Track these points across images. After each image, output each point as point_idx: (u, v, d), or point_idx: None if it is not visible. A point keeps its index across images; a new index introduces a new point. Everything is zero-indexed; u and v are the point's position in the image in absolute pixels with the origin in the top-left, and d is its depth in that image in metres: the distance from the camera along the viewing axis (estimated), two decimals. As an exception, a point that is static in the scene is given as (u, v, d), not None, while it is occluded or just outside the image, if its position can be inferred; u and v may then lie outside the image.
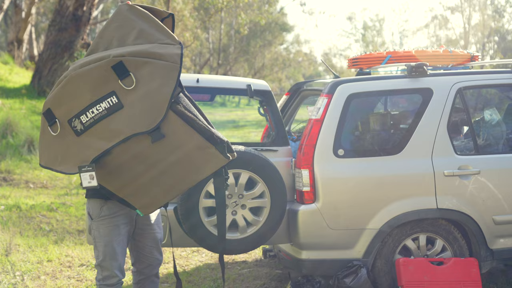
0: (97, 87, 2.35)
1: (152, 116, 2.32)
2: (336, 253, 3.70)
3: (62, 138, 2.41)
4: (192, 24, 23.48)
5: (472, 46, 35.21)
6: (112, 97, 2.34)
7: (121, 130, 2.33)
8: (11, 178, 7.80)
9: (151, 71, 2.34)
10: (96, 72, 2.35)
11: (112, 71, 2.34)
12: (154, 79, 2.33)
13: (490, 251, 3.82)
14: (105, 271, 2.83)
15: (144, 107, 2.33)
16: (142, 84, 2.33)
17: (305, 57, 38.90)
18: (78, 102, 2.37)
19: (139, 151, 2.39)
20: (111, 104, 2.34)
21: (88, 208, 2.82)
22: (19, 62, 17.14)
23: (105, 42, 2.45)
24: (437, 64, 4.41)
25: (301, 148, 3.69)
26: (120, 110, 2.34)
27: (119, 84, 2.33)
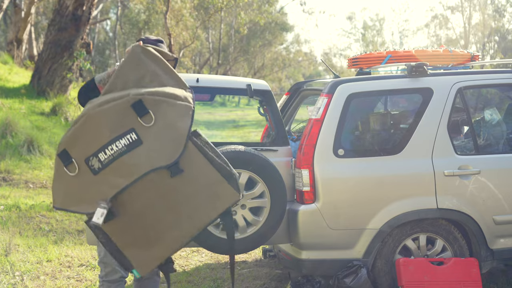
0: (116, 124, 2.43)
1: (171, 150, 2.42)
2: (336, 253, 3.69)
3: (79, 178, 2.45)
4: (192, 23, 23.48)
5: (472, 46, 35.22)
6: (132, 133, 2.42)
7: (140, 165, 2.40)
8: (10, 178, 7.79)
9: (168, 109, 2.45)
10: (115, 110, 2.44)
11: (131, 109, 2.43)
12: (171, 116, 2.44)
13: (490, 251, 3.81)
14: (107, 266, 2.89)
15: (163, 142, 2.42)
16: (161, 121, 2.43)
17: (305, 57, 38.91)
18: (97, 140, 2.44)
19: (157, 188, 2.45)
20: (130, 140, 2.42)
21: None
22: (18, 61, 17.13)
23: (121, 82, 2.55)
24: (437, 64, 4.40)
25: (301, 148, 3.68)
26: (140, 146, 2.42)
27: (139, 121, 2.43)
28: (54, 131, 10.42)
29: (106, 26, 35.29)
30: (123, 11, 29.62)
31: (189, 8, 23.09)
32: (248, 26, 27.72)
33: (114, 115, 2.44)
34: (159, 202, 2.47)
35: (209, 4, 21.09)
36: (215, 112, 25.03)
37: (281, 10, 32.22)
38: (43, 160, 8.68)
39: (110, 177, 2.42)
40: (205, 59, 32.27)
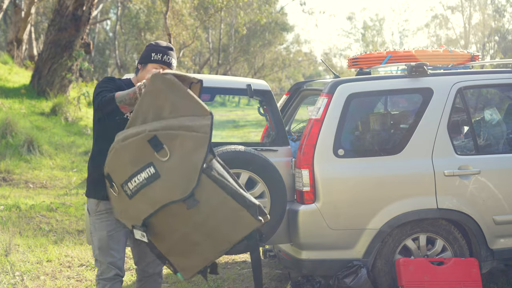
0: (137, 159, 2.62)
1: (185, 185, 2.53)
2: (336, 253, 3.69)
3: (120, 199, 2.72)
4: (192, 23, 23.48)
5: (473, 46, 35.22)
6: (150, 167, 2.59)
7: (159, 199, 2.58)
8: (10, 178, 7.79)
9: (182, 142, 2.55)
10: (135, 146, 2.62)
11: (148, 145, 2.58)
12: (185, 149, 2.55)
13: (490, 251, 3.81)
14: (102, 265, 2.93)
15: (178, 176, 2.55)
16: (175, 155, 2.56)
17: (305, 57, 38.91)
18: (124, 171, 2.66)
19: (178, 216, 2.62)
20: (149, 174, 2.59)
21: (87, 206, 3.04)
22: (18, 62, 17.12)
23: (141, 117, 2.68)
24: (437, 64, 4.40)
25: (301, 148, 3.68)
26: (158, 179, 2.58)
27: (155, 156, 2.57)
28: (54, 131, 10.43)
29: (106, 26, 35.32)
30: (123, 11, 29.62)
31: (189, 8, 23.08)
32: (248, 26, 27.72)
33: (134, 150, 2.62)
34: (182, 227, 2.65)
35: (209, 4, 21.08)
36: (215, 112, 25.03)
37: (281, 10, 32.22)
38: (43, 160, 8.68)
39: (140, 203, 2.64)
40: (205, 59, 32.27)
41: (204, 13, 23.72)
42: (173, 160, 2.56)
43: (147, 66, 2.97)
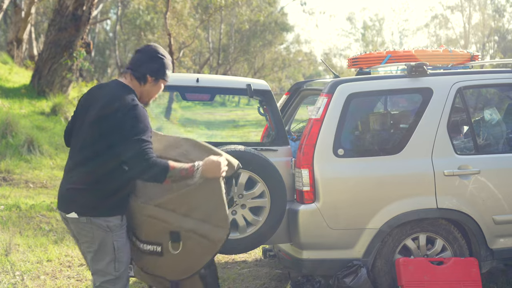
0: (151, 234, 2.86)
1: (178, 274, 2.92)
2: (336, 253, 3.69)
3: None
4: (192, 23, 23.48)
5: (472, 46, 35.22)
6: (158, 247, 2.86)
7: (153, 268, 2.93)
8: (10, 178, 7.79)
9: (196, 245, 2.84)
10: (155, 227, 2.85)
11: (168, 234, 2.84)
12: (195, 252, 2.86)
13: (490, 250, 3.81)
14: (121, 281, 2.81)
15: (177, 266, 2.89)
16: (184, 251, 2.84)
17: (305, 57, 38.90)
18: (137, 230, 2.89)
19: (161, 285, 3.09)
20: (155, 250, 2.87)
21: (107, 224, 2.75)
22: (18, 61, 17.12)
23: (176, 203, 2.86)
24: (437, 64, 4.41)
25: (301, 147, 3.68)
26: (160, 257, 2.88)
27: (168, 243, 2.84)
28: (54, 131, 10.43)
29: (106, 26, 35.31)
30: (123, 11, 29.61)
31: (189, 8, 23.08)
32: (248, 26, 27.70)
33: (153, 228, 2.86)
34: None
35: (209, 3, 21.08)
36: (215, 112, 25.03)
37: (281, 10, 32.21)
38: (43, 160, 8.68)
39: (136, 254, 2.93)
40: (205, 59, 32.25)
41: (203, 13, 23.71)
42: (181, 254, 2.85)
43: (159, 82, 2.86)
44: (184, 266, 2.88)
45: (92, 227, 2.72)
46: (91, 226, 2.72)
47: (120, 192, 2.78)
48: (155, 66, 2.82)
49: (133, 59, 2.86)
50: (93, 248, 2.75)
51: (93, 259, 2.78)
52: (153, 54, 2.82)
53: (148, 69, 2.81)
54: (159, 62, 2.83)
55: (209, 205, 2.83)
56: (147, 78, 2.81)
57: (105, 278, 2.77)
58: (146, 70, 2.80)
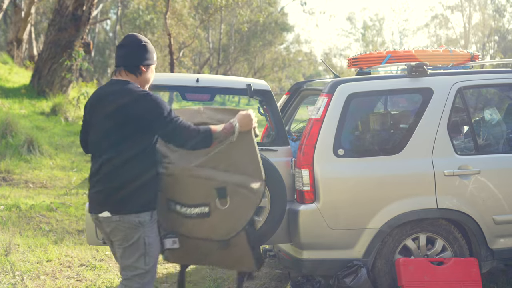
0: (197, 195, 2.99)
1: (227, 232, 3.04)
2: (336, 253, 3.69)
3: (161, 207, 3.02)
4: (192, 23, 23.48)
5: (472, 46, 35.22)
6: (205, 207, 2.99)
7: (199, 232, 3.05)
8: (10, 178, 7.79)
9: (241, 200, 3.00)
10: (201, 186, 2.98)
11: (214, 191, 2.97)
12: (241, 207, 3.01)
13: (490, 251, 3.81)
14: (149, 274, 2.87)
15: (225, 223, 3.02)
16: (231, 206, 2.99)
17: (305, 57, 38.89)
18: (179, 195, 3.00)
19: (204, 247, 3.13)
20: (202, 212, 2.99)
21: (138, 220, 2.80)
22: (18, 61, 17.13)
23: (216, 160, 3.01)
24: (437, 64, 4.41)
25: (301, 148, 3.68)
26: (206, 218, 3.00)
27: (216, 201, 2.98)
28: (54, 131, 10.43)
29: (106, 26, 35.31)
30: (123, 11, 29.61)
31: (189, 8, 23.08)
32: (248, 26, 27.69)
33: (199, 188, 2.98)
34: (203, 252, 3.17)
35: (209, 3, 21.07)
36: (215, 112, 24.96)
37: (282, 10, 32.20)
38: (43, 160, 8.68)
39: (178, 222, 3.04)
40: (205, 59, 32.25)
41: (203, 13, 23.72)
42: (228, 210, 2.99)
43: (150, 68, 2.93)
44: (231, 223, 3.02)
45: (125, 224, 2.79)
46: (124, 223, 2.79)
47: (149, 187, 2.84)
48: (144, 54, 2.88)
49: (121, 55, 2.89)
50: (125, 244, 2.82)
51: (124, 254, 2.83)
52: (137, 44, 2.87)
53: (139, 60, 2.86)
54: (145, 50, 2.88)
55: (245, 158, 3.01)
56: (141, 68, 2.88)
57: (134, 272, 2.83)
58: (138, 61, 2.86)
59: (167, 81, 4.04)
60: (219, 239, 3.06)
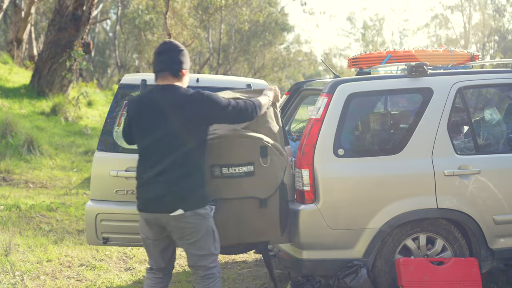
0: (244, 154, 3.31)
1: (268, 190, 3.39)
2: (336, 253, 3.69)
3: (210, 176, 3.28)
4: (192, 23, 23.48)
5: (472, 46, 35.22)
6: (251, 166, 3.31)
7: (245, 191, 3.33)
8: (10, 178, 7.79)
9: (277, 159, 3.39)
10: (248, 145, 3.32)
11: (258, 149, 3.33)
12: (277, 165, 3.39)
13: (490, 250, 3.81)
14: (216, 258, 3.14)
15: (266, 181, 3.36)
16: (271, 165, 3.36)
17: (305, 57, 38.87)
18: (226, 157, 3.28)
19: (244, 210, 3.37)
20: (248, 170, 3.31)
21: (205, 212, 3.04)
22: (18, 61, 17.13)
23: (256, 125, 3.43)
24: (437, 64, 4.41)
25: (301, 147, 3.68)
26: (252, 176, 3.32)
27: (259, 159, 3.33)
28: (54, 131, 10.43)
29: (106, 26, 35.29)
30: (123, 11, 29.60)
31: (188, 8, 23.06)
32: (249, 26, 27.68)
33: (245, 147, 3.31)
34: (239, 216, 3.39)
35: (208, 4, 21.05)
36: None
37: (282, 10, 32.18)
38: (43, 160, 8.68)
39: (223, 185, 3.29)
40: (205, 59, 32.23)
41: (203, 13, 23.71)
42: (268, 168, 3.34)
43: (187, 72, 3.16)
44: (271, 180, 3.38)
45: (196, 218, 3.00)
46: (195, 217, 3.00)
47: (205, 181, 3.11)
48: (184, 59, 3.12)
49: (163, 61, 3.08)
50: (197, 237, 3.03)
51: (198, 246, 3.05)
52: (177, 50, 3.10)
53: (180, 65, 3.09)
54: (184, 55, 3.13)
55: (273, 126, 3.47)
56: (182, 72, 3.10)
57: (211, 258, 3.10)
58: (179, 66, 3.09)
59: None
60: (262, 197, 3.35)
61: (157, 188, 2.98)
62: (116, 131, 3.87)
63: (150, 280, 3.20)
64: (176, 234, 3.04)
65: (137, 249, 5.24)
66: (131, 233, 3.80)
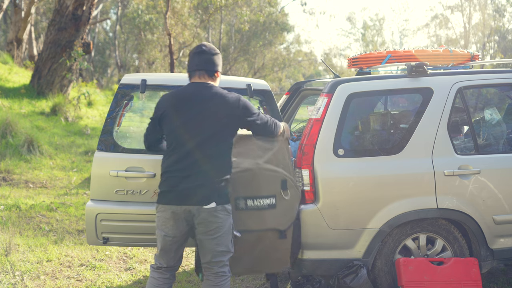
0: (267, 187, 3.41)
1: (287, 221, 3.49)
2: (336, 253, 3.69)
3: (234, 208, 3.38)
4: (191, 23, 23.47)
5: (472, 46, 35.21)
6: (272, 198, 3.42)
7: (267, 222, 3.43)
8: (10, 178, 7.79)
9: (295, 193, 3.52)
10: (271, 178, 3.42)
11: (279, 183, 3.44)
12: (294, 198, 3.52)
13: (490, 250, 3.81)
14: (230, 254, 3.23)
15: (286, 214, 3.48)
16: (290, 198, 3.48)
17: (305, 57, 38.86)
18: (251, 190, 3.38)
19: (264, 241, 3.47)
20: (270, 203, 3.41)
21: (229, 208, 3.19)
22: (18, 61, 17.12)
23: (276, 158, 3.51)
24: (437, 64, 4.40)
25: (301, 147, 3.68)
26: (273, 209, 3.42)
27: (280, 192, 3.44)
28: (54, 131, 10.43)
29: (106, 26, 35.29)
30: (123, 11, 29.60)
31: (188, 8, 23.05)
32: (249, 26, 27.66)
33: (268, 180, 3.41)
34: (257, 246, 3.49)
35: (208, 4, 21.05)
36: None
37: (282, 10, 32.17)
38: (43, 160, 8.68)
39: (245, 218, 3.38)
40: (205, 59, 32.12)
41: (204, 13, 23.71)
42: (288, 201, 3.47)
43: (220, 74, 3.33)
44: (290, 213, 3.49)
45: (223, 213, 3.13)
46: (224, 212, 3.13)
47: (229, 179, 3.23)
48: (219, 62, 3.29)
49: (202, 61, 3.23)
50: (220, 232, 3.13)
51: (219, 242, 3.14)
52: (214, 53, 3.27)
53: (216, 66, 3.27)
54: (219, 58, 3.30)
55: (288, 160, 3.55)
56: (217, 74, 3.28)
57: (227, 256, 3.19)
58: (215, 67, 3.26)
59: (167, 81, 4.05)
60: (282, 229, 3.46)
61: (192, 180, 3.08)
62: (116, 131, 3.87)
63: (156, 280, 3.23)
64: (203, 228, 3.11)
65: (137, 249, 5.23)
66: (131, 233, 3.80)
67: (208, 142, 3.11)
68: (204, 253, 3.17)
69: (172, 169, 3.13)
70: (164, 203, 3.15)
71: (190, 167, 3.09)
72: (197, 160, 3.09)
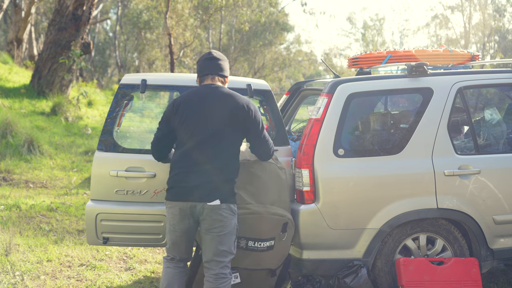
0: (269, 230, 3.44)
1: (280, 261, 3.60)
2: (336, 253, 3.69)
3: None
4: (192, 23, 23.47)
5: (473, 46, 35.20)
6: (272, 241, 3.46)
7: (263, 263, 3.51)
8: (10, 178, 7.79)
9: (290, 233, 3.56)
10: (274, 222, 3.45)
11: (281, 225, 3.47)
12: (290, 238, 3.56)
13: (490, 250, 3.81)
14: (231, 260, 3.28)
15: (281, 254, 3.55)
16: (286, 239, 3.53)
17: (306, 57, 38.85)
18: (254, 233, 3.42)
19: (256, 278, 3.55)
20: (270, 245, 3.46)
21: (234, 209, 3.23)
22: (18, 61, 17.12)
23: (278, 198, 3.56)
24: (438, 64, 4.40)
25: (301, 147, 3.68)
26: (271, 251, 3.48)
27: (279, 234, 3.48)
28: (54, 131, 10.43)
29: (106, 26, 35.28)
30: (123, 11, 29.59)
31: (189, 8, 23.04)
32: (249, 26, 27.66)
33: (272, 224, 3.44)
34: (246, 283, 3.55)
35: (209, 4, 21.05)
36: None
37: (282, 10, 32.17)
38: (43, 160, 8.68)
39: (244, 256, 3.43)
40: (205, 59, 32.13)
41: (204, 13, 23.71)
42: (284, 242, 3.52)
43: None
44: (284, 252, 3.55)
45: (228, 212, 3.16)
46: (228, 211, 3.16)
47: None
48: (227, 67, 3.42)
49: (215, 65, 3.35)
50: (224, 231, 3.15)
51: (222, 241, 3.15)
52: (225, 59, 3.42)
53: (227, 71, 3.40)
54: (228, 64, 3.44)
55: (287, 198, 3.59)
56: (227, 79, 3.42)
57: (229, 257, 3.20)
58: (226, 72, 3.40)
59: (167, 81, 4.05)
60: (273, 268, 3.56)
61: (198, 177, 3.12)
62: (116, 131, 3.87)
63: (172, 269, 3.31)
64: (206, 225, 3.14)
65: (137, 249, 5.23)
66: (131, 233, 3.80)
67: (220, 141, 3.16)
68: (206, 251, 3.18)
69: (179, 165, 3.19)
70: (171, 199, 3.21)
71: (196, 163, 3.14)
72: (204, 158, 3.14)
